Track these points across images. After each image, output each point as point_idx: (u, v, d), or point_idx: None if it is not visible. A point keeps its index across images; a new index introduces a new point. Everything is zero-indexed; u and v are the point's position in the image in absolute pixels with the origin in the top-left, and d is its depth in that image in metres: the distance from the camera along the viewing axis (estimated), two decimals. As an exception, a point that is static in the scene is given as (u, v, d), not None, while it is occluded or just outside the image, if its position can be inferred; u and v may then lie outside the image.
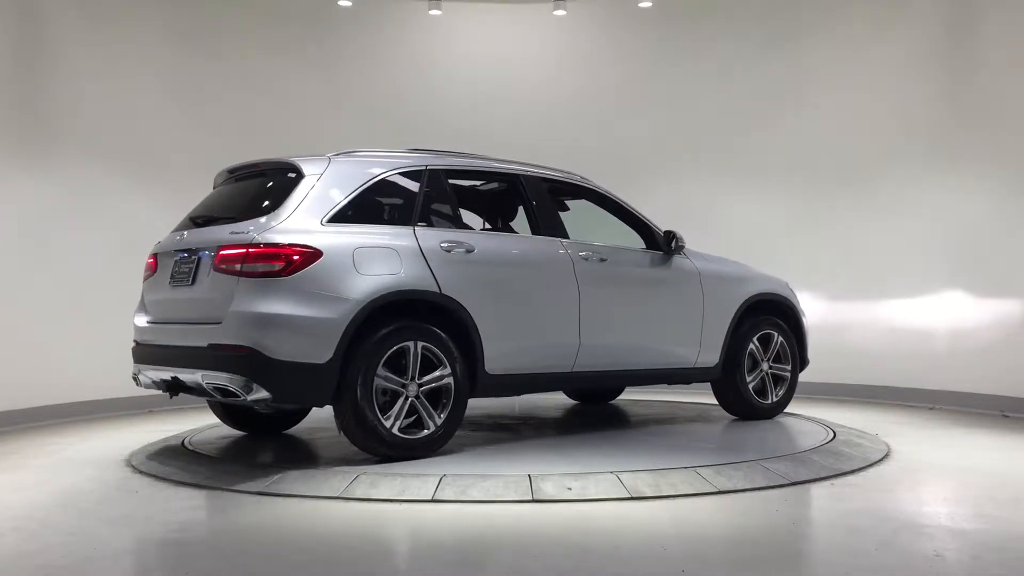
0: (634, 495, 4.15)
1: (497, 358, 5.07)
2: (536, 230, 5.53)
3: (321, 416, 5.68)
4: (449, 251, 4.97)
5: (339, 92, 8.94)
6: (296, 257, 4.50)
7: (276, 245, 4.51)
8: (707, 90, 8.99)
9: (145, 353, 5.15)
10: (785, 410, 6.55)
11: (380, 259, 4.72)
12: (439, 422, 4.84)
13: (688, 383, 6.39)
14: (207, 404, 5.83)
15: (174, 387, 4.91)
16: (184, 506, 4.19)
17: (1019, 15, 7.33)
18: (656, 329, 5.86)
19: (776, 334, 6.39)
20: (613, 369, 5.76)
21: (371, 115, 8.87)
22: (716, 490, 4.27)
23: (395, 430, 4.69)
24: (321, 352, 4.49)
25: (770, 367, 6.37)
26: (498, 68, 9.22)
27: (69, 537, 3.67)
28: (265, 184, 5.08)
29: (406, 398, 4.74)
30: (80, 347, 7.31)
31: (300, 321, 4.46)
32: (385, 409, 4.69)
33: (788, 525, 3.79)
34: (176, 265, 4.99)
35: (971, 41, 7.75)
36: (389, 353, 4.67)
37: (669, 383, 6.38)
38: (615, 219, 6.02)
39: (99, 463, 5.26)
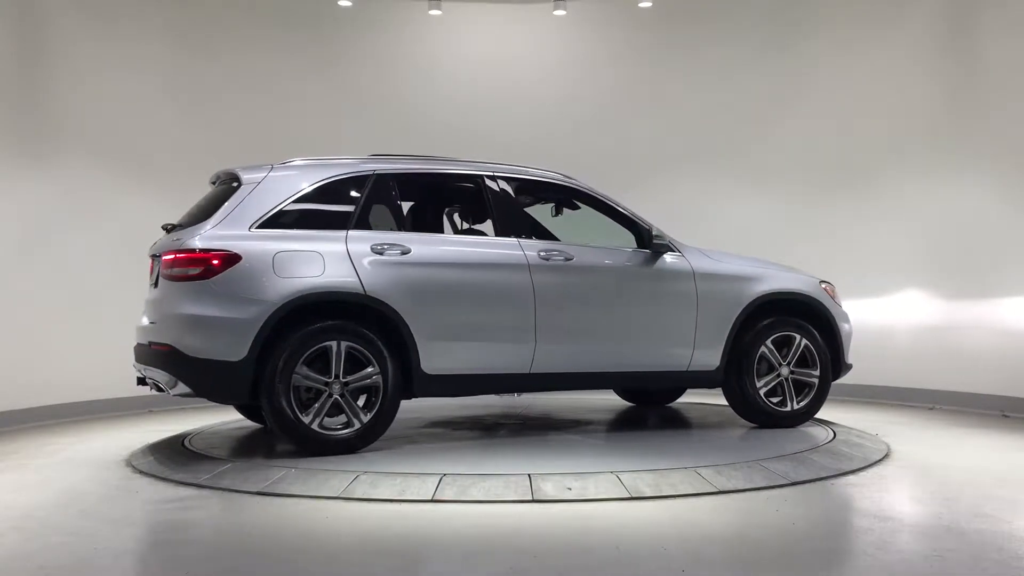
0: (634, 495, 4.15)
1: (435, 358, 5.12)
2: (498, 231, 5.55)
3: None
4: (381, 253, 5.06)
5: (339, 92, 8.93)
6: (215, 262, 4.81)
7: (197, 250, 4.86)
8: (707, 90, 8.97)
9: (135, 350, 5.50)
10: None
11: (302, 262, 4.91)
12: (364, 420, 4.98)
13: (684, 387, 6.22)
14: None
15: (143, 381, 5.39)
16: (184, 506, 4.19)
17: (1019, 14, 7.32)
18: (635, 329, 5.66)
19: (798, 336, 5.96)
20: (586, 371, 5.60)
21: (371, 115, 8.85)
22: (716, 490, 4.27)
23: (314, 426, 4.87)
24: (236, 350, 4.74)
25: (791, 372, 5.96)
26: (498, 68, 9.21)
27: (69, 537, 3.67)
28: (217, 192, 5.39)
29: (329, 395, 4.90)
30: (80, 347, 7.30)
31: (216, 321, 4.77)
32: (309, 405, 4.89)
33: (788, 525, 3.79)
34: (153, 269, 5.39)
35: (971, 41, 7.74)
36: (310, 352, 4.86)
37: (660, 386, 6.26)
38: (615, 219, 5.96)
39: (99, 463, 5.26)
